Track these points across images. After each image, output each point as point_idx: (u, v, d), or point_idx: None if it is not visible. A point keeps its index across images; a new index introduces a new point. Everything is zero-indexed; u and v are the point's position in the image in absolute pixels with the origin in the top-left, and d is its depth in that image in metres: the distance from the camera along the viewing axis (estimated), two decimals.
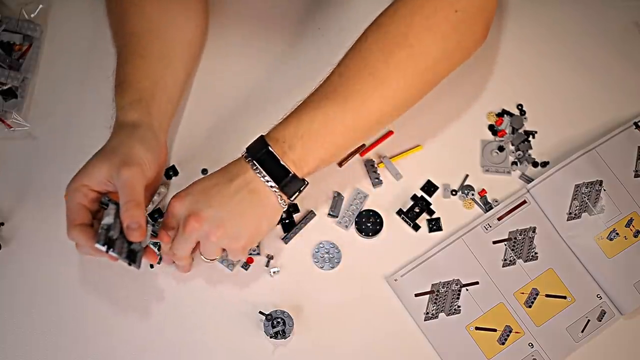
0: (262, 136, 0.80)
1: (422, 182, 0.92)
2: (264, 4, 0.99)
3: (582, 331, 0.88)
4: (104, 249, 0.74)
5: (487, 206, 0.91)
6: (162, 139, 0.84)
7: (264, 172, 0.78)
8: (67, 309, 0.87)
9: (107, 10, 0.92)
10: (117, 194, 0.76)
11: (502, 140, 0.94)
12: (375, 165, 0.92)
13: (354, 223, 0.90)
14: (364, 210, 0.90)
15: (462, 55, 0.85)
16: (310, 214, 0.90)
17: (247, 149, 0.80)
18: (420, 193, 0.92)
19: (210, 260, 0.82)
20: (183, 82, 0.89)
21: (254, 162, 0.78)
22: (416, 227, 0.91)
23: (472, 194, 0.92)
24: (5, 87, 0.91)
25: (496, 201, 0.92)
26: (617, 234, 0.90)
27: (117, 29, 0.88)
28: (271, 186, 0.78)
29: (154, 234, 0.80)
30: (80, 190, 0.76)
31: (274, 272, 0.88)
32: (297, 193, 0.80)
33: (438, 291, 0.88)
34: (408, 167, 0.93)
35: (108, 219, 0.75)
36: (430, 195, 0.92)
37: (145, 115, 0.81)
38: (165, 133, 0.85)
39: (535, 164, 0.93)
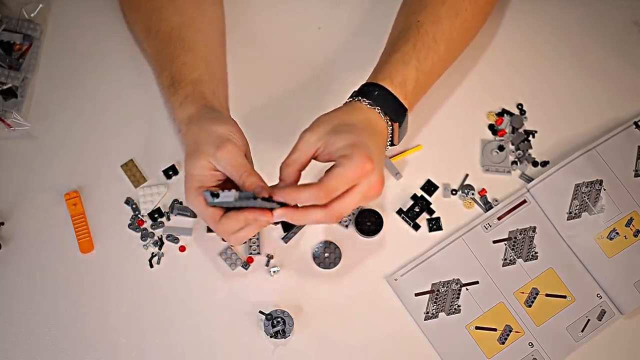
0: (386, 89, 0.81)
1: (422, 182, 0.92)
2: (264, 5, 0.99)
3: (582, 331, 0.88)
4: (255, 200, 0.71)
5: (487, 206, 0.91)
6: (226, 114, 0.84)
7: (397, 133, 0.82)
8: (67, 309, 0.87)
9: (134, 14, 0.92)
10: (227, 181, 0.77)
11: (502, 140, 0.94)
12: None
13: (354, 223, 0.90)
14: (364, 210, 0.90)
15: None
16: None
17: (375, 99, 0.80)
18: (420, 192, 0.92)
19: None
20: (225, 63, 0.91)
21: (388, 117, 0.80)
22: (416, 227, 0.91)
23: (472, 194, 0.92)
24: (5, 87, 0.91)
25: (496, 201, 0.92)
26: (617, 233, 0.90)
27: (152, 28, 0.88)
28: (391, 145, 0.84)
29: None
30: (199, 195, 0.75)
31: (274, 272, 0.88)
32: None
33: (438, 291, 0.88)
34: (408, 167, 0.93)
35: (228, 195, 0.72)
36: (430, 195, 0.92)
37: (203, 101, 0.81)
38: (226, 109, 0.85)
39: (535, 164, 0.93)
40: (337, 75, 0.95)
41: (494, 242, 0.90)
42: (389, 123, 0.81)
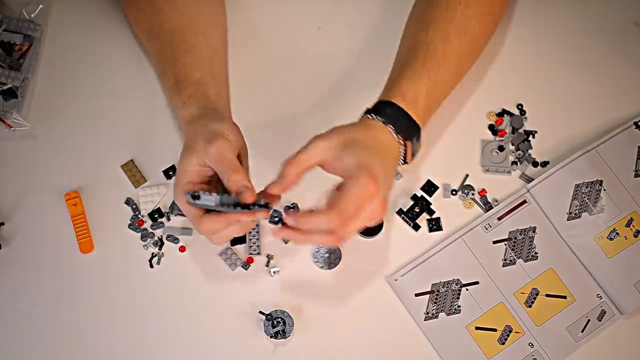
0: (398, 107, 0.80)
1: (422, 182, 0.92)
2: (263, 6, 0.99)
3: (582, 331, 0.88)
4: (235, 209, 0.71)
5: (487, 206, 0.91)
6: (228, 116, 0.84)
7: (410, 151, 0.82)
8: (67, 309, 0.87)
9: (135, 14, 0.92)
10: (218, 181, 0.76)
11: (502, 140, 0.94)
12: None
13: None
14: None
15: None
16: None
17: (388, 117, 0.80)
18: (420, 193, 0.92)
19: None
20: (226, 65, 0.91)
21: (401, 135, 0.80)
22: (416, 227, 0.91)
23: (472, 194, 0.92)
24: (5, 87, 0.91)
25: (496, 201, 0.92)
26: (617, 233, 0.90)
27: (153, 30, 0.88)
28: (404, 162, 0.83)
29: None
30: (187, 191, 0.75)
31: (274, 272, 0.88)
32: None
33: (438, 291, 0.88)
34: (408, 167, 0.92)
35: (209, 199, 0.72)
36: (430, 195, 0.92)
37: (206, 101, 0.81)
38: (228, 111, 0.85)
39: (535, 164, 0.93)
40: (338, 76, 0.95)
41: (494, 242, 0.90)
42: (402, 142, 0.80)
